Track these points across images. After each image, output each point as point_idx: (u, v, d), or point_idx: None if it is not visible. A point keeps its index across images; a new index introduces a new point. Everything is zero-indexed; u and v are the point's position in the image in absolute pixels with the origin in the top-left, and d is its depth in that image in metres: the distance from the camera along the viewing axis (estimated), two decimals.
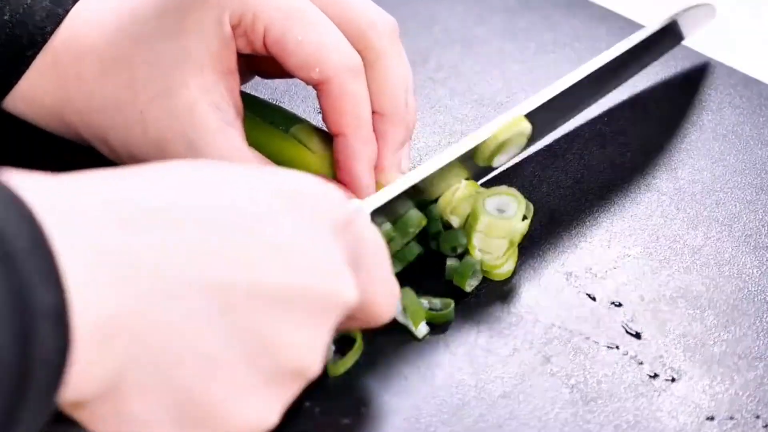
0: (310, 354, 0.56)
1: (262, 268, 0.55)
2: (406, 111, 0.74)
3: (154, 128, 0.71)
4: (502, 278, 0.74)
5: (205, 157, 0.69)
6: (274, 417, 0.57)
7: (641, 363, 0.70)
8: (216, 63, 0.71)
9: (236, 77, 0.72)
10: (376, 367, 0.69)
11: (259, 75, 0.78)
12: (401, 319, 0.71)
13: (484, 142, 0.74)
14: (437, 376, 0.69)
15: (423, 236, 0.74)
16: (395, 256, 0.72)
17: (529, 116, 0.75)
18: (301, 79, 0.72)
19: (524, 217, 0.73)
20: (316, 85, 0.72)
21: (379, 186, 0.73)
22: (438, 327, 0.71)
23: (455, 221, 0.74)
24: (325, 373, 0.68)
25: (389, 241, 0.71)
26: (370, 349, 0.70)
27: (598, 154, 0.83)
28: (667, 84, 0.88)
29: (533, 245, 0.76)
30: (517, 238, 0.72)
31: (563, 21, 0.92)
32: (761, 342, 0.72)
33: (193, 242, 0.54)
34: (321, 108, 0.73)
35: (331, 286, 0.56)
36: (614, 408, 0.68)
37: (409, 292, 0.70)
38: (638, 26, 0.92)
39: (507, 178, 0.80)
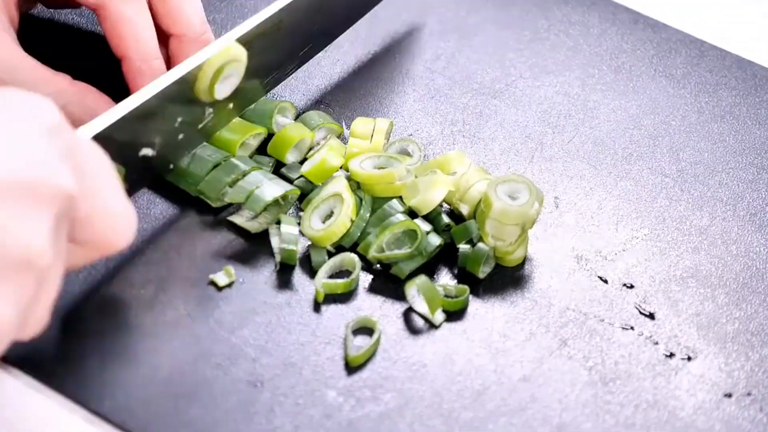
0: (31, 240, 0.57)
1: None
2: (202, 29, 0.77)
3: None
4: (515, 264, 0.75)
5: None
6: (5, 315, 0.57)
7: (656, 343, 0.71)
8: None
9: None
10: (395, 355, 0.70)
11: (42, 3, 0.82)
12: (418, 307, 0.72)
13: (200, 68, 0.73)
14: (456, 363, 0.70)
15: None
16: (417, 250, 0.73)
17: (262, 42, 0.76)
18: (83, 4, 0.75)
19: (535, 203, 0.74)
20: (96, 11, 0.75)
21: None
22: (454, 314, 0.72)
23: (465, 209, 0.75)
24: (346, 363, 0.69)
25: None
26: (389, 338, 0.70)
27: (598, 138, 0.83)
28: (663, 68, 0.89)
29: (542, 231, 0.77)
30: (529, 225, 0.73)
31: (556, 8, 0.92)
32: None
33: None
34: (104, 33, 0.76)
35: (42, 173, 0.58)
36: (633, 388, 0.69)
37: (426, 280, 0.71)
38: (629, 11, 0.93)
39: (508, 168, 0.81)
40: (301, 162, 0.78)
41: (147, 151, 0.73)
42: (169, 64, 0.78)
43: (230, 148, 0.77)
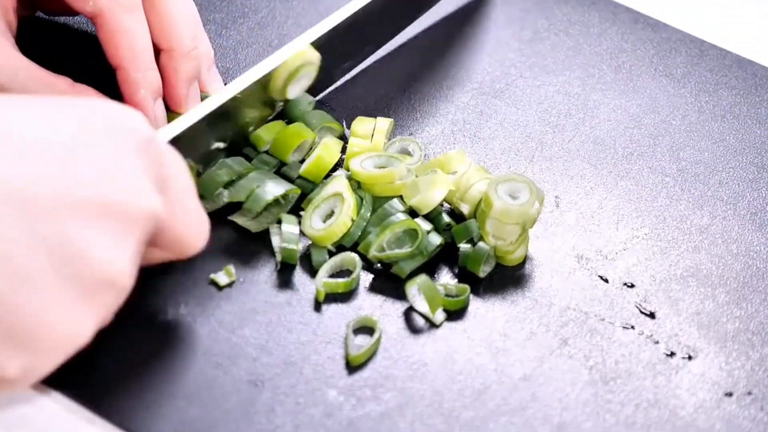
0: (116, 262, 0.58)
1: (63, 181, 0.57)
2: (192, 45, 0.77)
3: None
4: (515, 263, 0.75)
5: None
6: (87, 330, 0.58)
7: (657, 342, 0.71)
8: None
9: None
10: (396, 354, 0.70)
11: (42, 11, 0.83)
12: (419, 306, 0.72)
13: (275, 70, 0.76)
14: (457, 362, 0.70)
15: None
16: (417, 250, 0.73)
17: (326, 45, 0.78)
18: (80, 12, 0.76)
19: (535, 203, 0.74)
20: (93, 19, 0.75)
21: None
22: (455, 313, 0.72)
23: (465, 208, 0.75)
24: (347, 362, 0.69)
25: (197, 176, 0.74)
26: (390, 338, 0.70)
27: (598, 137, 0.83)
28: (663, 67, 0.89)
29: (543, 230, 0.77)
30: (530, 224, 0.73)
31: (556, 8, 0.92)
32: None
33: None
34: (100, 42, 0.76)
35: (131, 197, 0.59)
36: (634, 387, 0.69)
37: (426, 280, 0.71)
38: (629, 11, 0.93)
39: (512, 165, 0.81)
40: (302, 161, 0.78)
41: (219, 145, 0.75)
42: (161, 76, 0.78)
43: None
